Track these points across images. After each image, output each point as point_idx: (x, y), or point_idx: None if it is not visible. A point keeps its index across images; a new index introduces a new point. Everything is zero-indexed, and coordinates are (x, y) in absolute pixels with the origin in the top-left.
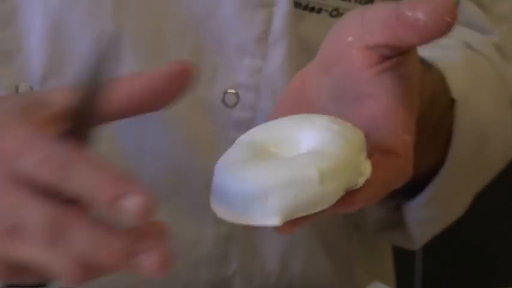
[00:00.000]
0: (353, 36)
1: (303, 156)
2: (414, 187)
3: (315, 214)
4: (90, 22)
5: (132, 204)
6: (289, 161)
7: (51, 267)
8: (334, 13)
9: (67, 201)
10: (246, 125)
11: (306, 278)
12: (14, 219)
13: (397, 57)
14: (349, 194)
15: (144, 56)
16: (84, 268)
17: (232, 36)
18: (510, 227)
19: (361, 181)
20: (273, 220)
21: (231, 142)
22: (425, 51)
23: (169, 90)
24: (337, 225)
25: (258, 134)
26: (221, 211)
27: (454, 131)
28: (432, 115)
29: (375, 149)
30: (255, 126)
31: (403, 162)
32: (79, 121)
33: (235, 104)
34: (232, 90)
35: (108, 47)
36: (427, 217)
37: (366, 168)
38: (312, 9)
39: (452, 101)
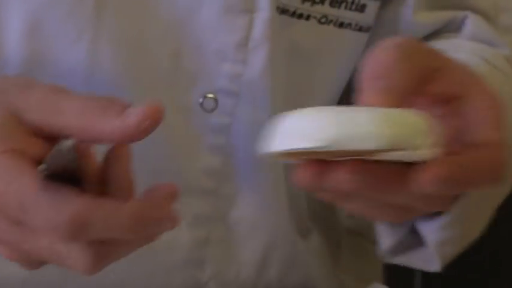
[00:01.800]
0: None
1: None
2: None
3: (363, 162)
4: (70, 23)
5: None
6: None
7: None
8: (323, 20)
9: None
10: (225, 130)
11: (283, 283)
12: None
13: None
14: (420, 170)
15: (124, 59)
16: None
17: (213, 41)
18: None
19: (420, 153)
20: (319, 142)
21: (209, 147)
22: None
23: (141, 136)
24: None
25: None
26: (274, 143)
27: None
28: None
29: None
30: (233, 131)
31: (492, 155)
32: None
33: (214, 109)
34: (211, 95)
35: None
36: (449, 238)
37: (431, 150)
38: (300, 16)
39: None
